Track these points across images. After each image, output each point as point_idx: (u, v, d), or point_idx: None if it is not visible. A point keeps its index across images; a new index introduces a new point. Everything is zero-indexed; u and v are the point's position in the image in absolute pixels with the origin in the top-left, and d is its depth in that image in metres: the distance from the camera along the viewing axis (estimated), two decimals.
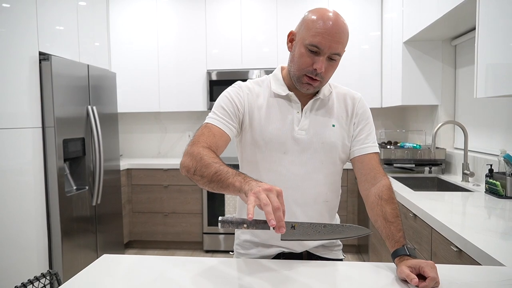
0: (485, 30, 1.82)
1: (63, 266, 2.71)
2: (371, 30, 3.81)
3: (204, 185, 1.01)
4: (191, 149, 1.07)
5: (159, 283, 0.98)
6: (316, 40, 1.08)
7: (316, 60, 1.10)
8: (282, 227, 0.82)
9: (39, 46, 2.64)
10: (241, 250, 1.31)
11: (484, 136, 2.65)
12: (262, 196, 0.82)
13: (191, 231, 3.86)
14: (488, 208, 1.85)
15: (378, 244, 2.77)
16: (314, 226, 0.90)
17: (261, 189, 0.84)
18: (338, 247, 1.34)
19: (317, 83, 1.15)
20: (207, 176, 0.98)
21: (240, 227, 0.87)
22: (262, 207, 0.81)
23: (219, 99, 1.23)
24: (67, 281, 1.00)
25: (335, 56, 1.12)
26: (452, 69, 3.13)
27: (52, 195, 2.68)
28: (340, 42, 1.10)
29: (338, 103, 1.25)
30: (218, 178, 0.95)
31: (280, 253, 1.25)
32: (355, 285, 0.97)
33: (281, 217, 0.82)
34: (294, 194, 1.19)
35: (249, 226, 0.87)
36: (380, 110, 4.03)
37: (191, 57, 4.01)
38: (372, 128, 1.27)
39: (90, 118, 3.06)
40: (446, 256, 1.53)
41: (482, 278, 0.98)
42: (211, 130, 1.15)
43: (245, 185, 0.89)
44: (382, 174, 1.20)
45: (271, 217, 0.80)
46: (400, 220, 1.09)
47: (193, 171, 1.02)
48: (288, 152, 1.19)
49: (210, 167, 0.98)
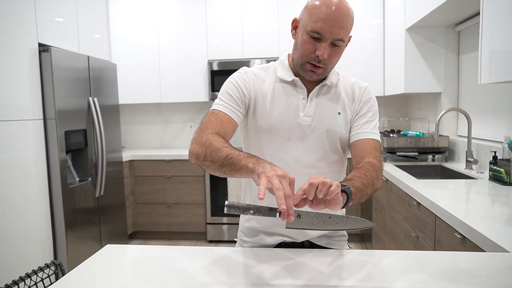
0: (489, 15, 1.79)
1: (67, 257, 2.73)
2: (373, 18, 3.76)
3: (215, 170, 0.99)
4: (200, 136, 1.05)
5: (162, 273, 0.98)
6: (317, 26, 1.06)
7: (318, 46, 1.09)
8: (291, 215, 0.81)
9: (38, 37, 2.62)
10: (244, 237, 1.32)
11: (488, 123, 2.62)
12: (275, 181, 0.81)
13: (195, 222, 3.87)
14: (492, 195, 1.84)
15: (381, 233, 2.78)
16: (320, 216, 0.90)
17: (274, 173, 0.83)
18: (343, 237, 1.32)
19: (321, 70, 1.13)
20: (218, 161, 0.97)
21: (246, 212, 0.86)
22: (274, 191, 0.80)
23: (225, 85, 1.21)
24: (71, 271, 1.00)
25: (338, 42, 1.09)
26: (456, 55, 3.09)
27: (55, 187, 2.69)
28: (343, 27, 1.07)
29: (345, 92, 1.24)
30: (230, 161, 0.94)
31: (282, 242, 1.25)
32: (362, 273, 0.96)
33: (291, 205, 0.81)
34: (297, 181, 1.18)
35: (255, 212, 0.86)
36: (383, 99, 4.00)
37: (192, 47, 3.98)
38: (375, 116, 1.23)
39: (91, 110, 3.05)
40: (450, 243, 1.53)
41: (487, 265, 0.98)
42: (218, 116, 1.13)
43: (258, 166, 0.88)
44: (373, 156, 1.13)
45: (282, 202, 0.79)
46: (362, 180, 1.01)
47: (203, 157, 1.00)
48: (292, 139, 1.18)
49: (220, 151, 0.97)
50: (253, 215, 0.88)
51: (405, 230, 2.16)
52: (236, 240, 1.38)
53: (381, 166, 1.11)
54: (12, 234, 2.39)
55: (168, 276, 0.96)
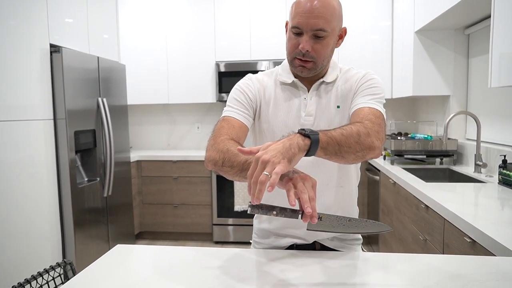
0: (500, 18, 1.78)
1: (76, 256, 2.75)
2: (381, 20, 3.75)
3: (235, 175, 0.99)
4: (215, 142, 1.06)
5: (173, 273, 0.99)
6: (295, 21, 1.10)
7: (300, 40, 1.11)
8: (314, 217, 0.83)
9: (49, 38, 2.65)
10: (257, 238, 1.34)
11: (497, 126, 2.60)
12: (300, 184, 0.84)
13: (201, 223, 3.88)
14: (502, 199, 1.83)
15: (388, 236, 2.76)
16: (340, 219, 0.92)
17: (298, 176, 0.85)
18: (357, 241, 1.30)
19: (310, 64, 1.13)
20: (237, 165, 0.97)
21: (270, 213, 0.87)
22: (299, 194, 0.82)
23: (232, 92, 1.24)
24: (82, 271, 1.01)
25: (320, 33, 1.08)
26: (465, 58, 3.07)
27: (64, 186, 2.72)
28: (320, 17, 1.07)
29: (344, 84, 1.21)
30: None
31: (293, 244, 1.25)
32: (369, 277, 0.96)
33: (315, 207, 0.83)
34: None
35: (279, 214, 0.88)
36: (390, 101, 3.99)
37: (200, 49, 4.00)
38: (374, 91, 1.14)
39: (100, 110, 3.07)
40: (459, 247, 1.52)
41: (497, 269, 0.97)
42: (230, 122, 1.15)
43: None
44: (366, 119, 1.03)
45: (308, 205, 0.81)
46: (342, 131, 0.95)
47: (221, 163, 1.00)
48: None
49: (239, 156, 0.96)
50: (276, 216, 0.89)
51: (413, 233, 2.15)
52: (251, 241, 1.40)
53: (373, 126, 1.00)
54: (21, 233, 2.42)
55: (177, 277, 0.97)
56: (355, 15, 3.75)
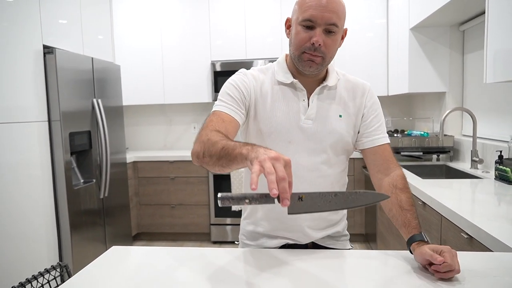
0: (495, 14, 1.78)
1: (72, 259, 2.73)
2: (377, 18, 3.75)
3: (214, 165, 0.95)
4: (199, 135, 1.03)
5: (169, 274, 0.98)
6: (307, 14, 1.06)
7: (312, 34, 1.07)
8: (285, 199, 0.74)
9: (43, 39, 2.63)
10: (246, 240, 1.31)
11: (493, 122, 2.61)
12: (267, 164, 0.75)
13: (199, 223, 3.87)
14: (498, 194, 1.83)
15: (386, 233, 2.76)
16: (324, 195, 0.83)
17: (267, 157, 0.77)
18: (345, 237, 1.32)
19: (319, 59, 1.10)
20: (215, 154, 0.92)
21: (242, 202, 0.80)
22: (266, 175, 0.74)
23: (225, 87, 1.19)
24: (77, 273, 1.00)
25: (333, 28, 1.07)
26: (460, 55, 3.08)
27: (60, 188, 2.70)
28: (334, 11, 1.06)
29: (346, 93, 1.22)
30: (226, 152, 0.89)
31: (285, 245, 1.24)
32: (367, 274, 0.96)
33: (286, 188, 0.74)
34: (300, 185, 1.18)
35: (252, 201, 0.80)
36: (387, 98, 3.99)
37: (195, 49, 3.99)
38: (382, 118, 1.25)
39: (95, 111, 3.06)
40: (456, 243, 1.52)
41: (495, 265, 0.97)
42: (220, 116, 1.11)
43: (252, 152, 0.82)
44: (395, 164, 1.20)
45: (274, 186, 0.72)
46: (415, 208, 1.08)
47: (202, 154, 0.97)
48: (293, 141, 1.17)
49: (217, 144, 0.93)
50: (250, 205, 0.82)
51: None
52: (238, 242, 1.37)
53: (402, 171, 1.21)
54: (17, 235, 2.40)
55: (174, 278, 0.96)
56: (350, 13, 3.71)
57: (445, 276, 0.88)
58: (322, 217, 1.23)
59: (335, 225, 1.28)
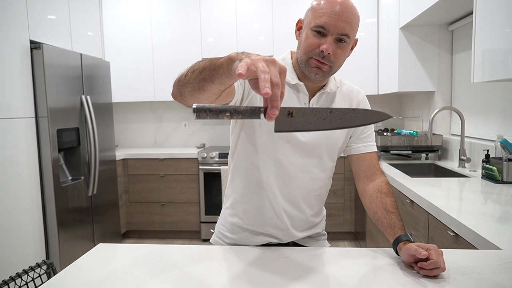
0: (482, 14, 1.80)
1: (60, 257, 2.70)
2: (367, 17, 3.77)
3: (195, 81, 0.85)
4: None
5: (155, 272, 0.97)
6: (321, 20, 1.04)
7: (323, 41, 1.05)
8: (274, 108, 0.66)
9: (29, 34, 2.59)
10: (226, 232, 1.29)
11: (480, 121, 2.64)
12: (261, 63, 0.66)
13: (188, 221, 3.86)
14: (485, 193, 1.85)
15: (375, 231, 2.78)
16: (318, 111, 0.72)
17: (261, 57, 0.68)
18: (323, 236, 1.36)
19: (326, 68, 1.09)
20: (198, 68, 0.85)
21: (222, 116, 0.69)
22: (258, 73, 0.65)
23: None
24: (61, 270, 0.99)
25: (344, 38, 1.06)
26: (449, 54, 3.10)
27: (47, 185, 2.66)
28: (348, 22, 1.04)
29: (343, 100, 1.24)
30: (210, 62, 0.83)
31: (267, 244, 1.23)
32: (352, 272, 0.96)
33: (277, 95, 0.66)
34: (290, 184, 1.19)
35: (234, 114, 0.69)
36: (377, 97, 4.01)
37: (186, 45, 3.96)
38: (372, 127, 1.29)
39: (84, 108, 3.02)
40: (442, 241, 1.53)
41: (479, 262, 0.98)
42: None
43: (242, 55, 0.75)
44: (380, 172, 1.25)
45: (267, 85, 0.63)
46: (399, 212, 1.11)
47: (184, 76, 0.90)
48: (290, 141, 1.17)
49: (200, 62, 0.87)
50: (230, 119, 0.71)
51: None
52: (213, 231, 1.35)
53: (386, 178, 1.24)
54: (3, 233, 2.36)
55: (160, 275, 0.95)
56: None
57: (430, 273, 0.89)
58: (305, 218, 1.24)
59: (316, 226, 1.31)
